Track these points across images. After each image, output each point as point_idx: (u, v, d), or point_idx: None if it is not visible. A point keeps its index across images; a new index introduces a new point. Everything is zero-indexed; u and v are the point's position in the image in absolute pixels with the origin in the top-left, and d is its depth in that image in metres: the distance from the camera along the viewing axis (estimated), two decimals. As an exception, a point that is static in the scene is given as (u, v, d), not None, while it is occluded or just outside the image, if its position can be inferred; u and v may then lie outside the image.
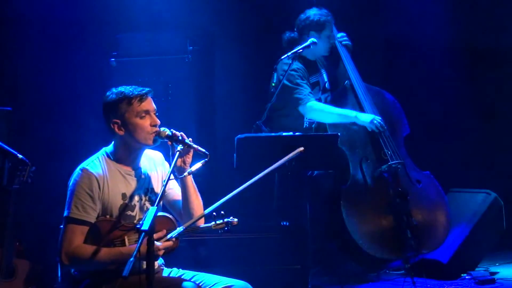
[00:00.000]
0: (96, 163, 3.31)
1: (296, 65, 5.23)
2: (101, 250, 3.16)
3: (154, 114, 3.32)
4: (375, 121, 5.08)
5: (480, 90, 6.53)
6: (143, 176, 3.39)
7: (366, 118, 5.11)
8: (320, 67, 5.55)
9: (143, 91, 3.30)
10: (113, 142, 3.37)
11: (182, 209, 3.41)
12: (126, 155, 3.34)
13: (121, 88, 3.31)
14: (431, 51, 6.49)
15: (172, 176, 3.22)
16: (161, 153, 3.52)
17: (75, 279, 3.29)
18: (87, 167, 3.27)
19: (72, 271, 3.30)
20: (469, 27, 6.45)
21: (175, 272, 3.45)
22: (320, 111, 5.19)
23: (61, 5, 5.95)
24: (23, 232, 5.00)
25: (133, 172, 3.36)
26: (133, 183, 3.35)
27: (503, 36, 6.46)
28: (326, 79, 5.55)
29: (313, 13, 5.36)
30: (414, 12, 6.39)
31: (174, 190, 3.48)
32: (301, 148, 3.59)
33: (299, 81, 5.24)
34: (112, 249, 3.18)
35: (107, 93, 3.33)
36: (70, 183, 3.27)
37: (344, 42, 5.47)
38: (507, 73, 6.48)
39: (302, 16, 5.39)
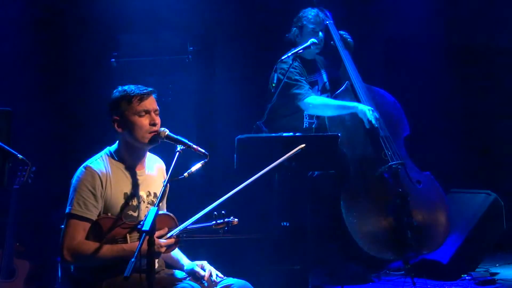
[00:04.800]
0: (100, 162, 3.32)
1: (294, 63, 5.24)
2: (103, 246, 3.16)
3: (156, 114, 3.32)
4: (374, 113, 5.09)
5: (481, 90, 6.53)
6: (146, 178, 3.39)
7: (365, 107, 5.12)
8: (320, 67, 5.56)
9: (145, 91, 3.31)
10: (117, 142, 3.38)
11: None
12: (128, 154, 3.35)
13: (125, 87, 3.33)
14: (432, 51, 6.49)
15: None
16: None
17: (75, 278, 3.28)
18: (90, 165, 3.28)
19: (72, 269, 3.29)
20: (470, 26, 6.44)
21: (176, 273, 3.45)
22: (320, 104, 5.22)
23: (61, 5, 5.96)
24: (23, 232, 5.00)
25: (136, 173, 3.36)
26: (136, 183, 3.34)
27: (504, 35, 6.46)
28: (325, 79, 5.55)
29: (306, 14, 5.39)
30: (414, 12, 6.39)
31: None
32: (303, 145, 3.58)
33: (297, 77, 5.27)
34: (114, 246, 3.18)
35: (113, 91, 3.35)
36: (73, 181, 3.27)
37: (349, 39, 5.49)
38: (508, 72, 6.48)
39: (297, 16, 5.43)
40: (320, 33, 5.39)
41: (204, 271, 3.38)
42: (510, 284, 5.07)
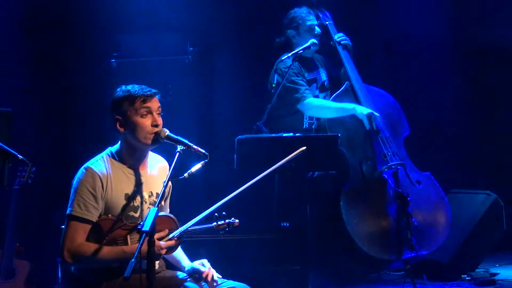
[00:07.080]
0: (101, 163, 3.31)
1: (294, 64, 5.23)
2: (104, 248, 3.16)
3: (158, 114, 3.32)
4: (372, 116, 5.08)
5: (481, 90, 6.53)
6: (147, 179, 3.38)
7: (364, 110, 5.11)
8: (319, 65, 5.56)
9: (148, 92, 3.30)
10: (119, 142, 3.38)
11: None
12: (130, 155, 3.34)
13: (129, 87, 3.32)
14: (431, 51, 6.49)
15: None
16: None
17: (75, 277, 3.28)
18: (91, 166, 3.28)
19: (72, 269, 3.29)
20: (469, 27, 6.44)
21: (177, 274, 3.45)
22: (318, 107, 5.22)
23: (61, 6, 5.96)
24: (23, 233, 5.01)
25: (138, 173, 3.35)
26: (137, 183, 3.34)
27: (505, 35, 6.45)
28: (325, 78, 5.55)
29: (299, 13, 5.41)
30: (414, 12, 6.39)
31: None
32: (303, 148, 3.57)
33: (294, 78, 5.26)
34: (115, 248, 3.18)
35: (117, 90, 3.34)
36: (74, 182, 3.27)
37: (343, 42, 5.47)
38: (508, 73, 6.48)
39: (288, 18, 5.44)
40: (317, 28, 5.39)
41: (205, 267, 3.38)
42: (510, 284, 5.07)
